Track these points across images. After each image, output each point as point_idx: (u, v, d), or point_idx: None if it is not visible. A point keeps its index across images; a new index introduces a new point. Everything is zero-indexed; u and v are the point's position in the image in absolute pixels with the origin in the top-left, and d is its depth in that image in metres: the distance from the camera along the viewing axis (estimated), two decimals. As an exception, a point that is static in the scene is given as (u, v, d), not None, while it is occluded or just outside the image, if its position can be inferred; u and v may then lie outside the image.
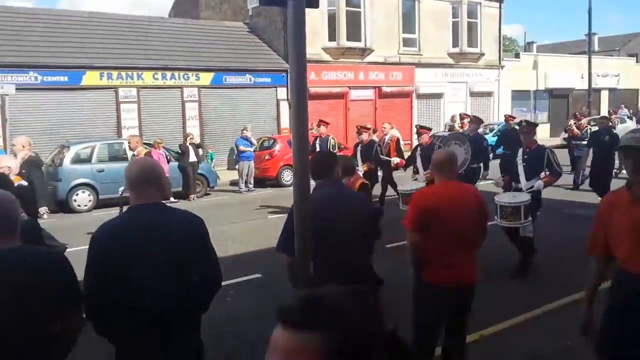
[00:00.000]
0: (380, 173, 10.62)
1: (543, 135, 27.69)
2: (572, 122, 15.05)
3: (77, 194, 13.29)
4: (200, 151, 15.23)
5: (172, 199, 13.46)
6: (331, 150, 10.52)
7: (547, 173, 6.76)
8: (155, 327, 2.49)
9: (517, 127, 11.65)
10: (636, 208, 2.70)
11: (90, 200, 13.37)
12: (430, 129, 9.77)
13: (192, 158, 14.67)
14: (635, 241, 2.70)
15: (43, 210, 7.25)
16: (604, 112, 25.28)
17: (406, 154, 11.36)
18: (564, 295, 5.72)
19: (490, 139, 18.15)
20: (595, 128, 13.19)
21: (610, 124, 16.01)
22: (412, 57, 24.24)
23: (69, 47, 17.08)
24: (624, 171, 7.03)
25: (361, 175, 9.37)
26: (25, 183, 6.29)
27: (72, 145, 13.83)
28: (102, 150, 13.98)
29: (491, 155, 11.75)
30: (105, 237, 2.51)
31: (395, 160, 10.59)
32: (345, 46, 21.99)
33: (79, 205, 13.24)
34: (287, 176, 15.96)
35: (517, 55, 31.96)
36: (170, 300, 2.51)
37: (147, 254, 2.47)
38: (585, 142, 13.23)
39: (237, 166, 15.98)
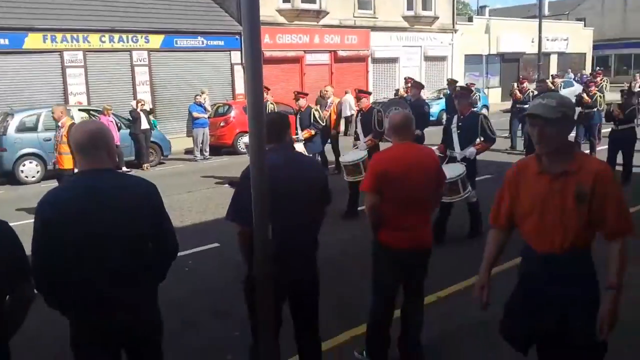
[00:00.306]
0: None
1: (494, 99, 28.30)
2: (515, 85, 15.34)
3: (23, 165, 12.78)
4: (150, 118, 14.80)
5: (124, 169, 13.14)
6: None
7: (482, 140, 6.64)
8: (109, 296, 2.43)
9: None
10: (543, 180, 2.53)
11: (38, 171, 12.89)
12: (369, 94, 9.48)
13: (145, 125, 14.26)
14: (540, 217, 2.53)
15: None
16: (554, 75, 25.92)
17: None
18: (506, 259, 5.91)
19: (443, 104, 18.40)
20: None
21: (553, 87, 16.34)
22: (368, 20, 24.07)
23: (8, 7, 16.06)
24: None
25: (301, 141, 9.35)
26: None
27: (16, 113, 13.19)
28: (49, 117, 13.28)
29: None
30: (51, 204, 2.40)
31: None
32: (299, 8, 21.59)
33: (26, 177, 12.75)
34: (243, 143, 15.78)
35: (470, 19, 32.22)
36: (123, 269, 2.46)
37: (98, 221, 2.39)
38: (527, 106, 13.46)
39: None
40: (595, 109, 12.14)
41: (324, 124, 10.18)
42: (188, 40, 19.11)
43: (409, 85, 13.59)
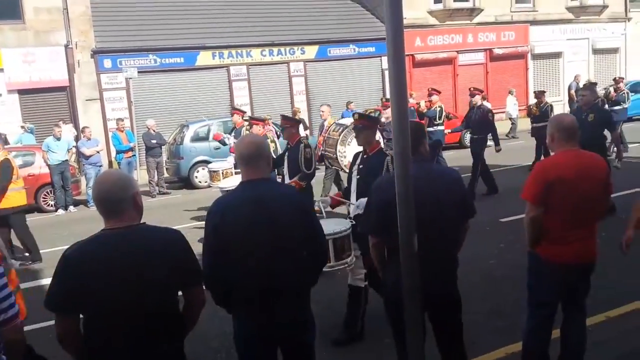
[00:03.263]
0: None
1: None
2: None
3: (197, 171, 14.17)
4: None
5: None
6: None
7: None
8: (268, 298, 2.63)
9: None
10: None
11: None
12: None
13: (301, 133, 14.93)
14: None
15: None
16: None
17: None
18: None
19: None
20: None
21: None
22: (526, 14, 22.69)
23: (183, 30, 17.89)
24: None
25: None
26: None
27: (190, 125, 14.69)
28: (218, 128, 14.70)
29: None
30: (219, 212, 2.66)
31: None
32: (452, 7, 21.11)
33: (199, 182, 14.12)
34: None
35: (647, 4, 28.68)
36: (280, 272, 2.64)
37: (259, 227, 2.61)
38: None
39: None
40: None
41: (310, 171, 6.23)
42: (340, 49, 19.71)
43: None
